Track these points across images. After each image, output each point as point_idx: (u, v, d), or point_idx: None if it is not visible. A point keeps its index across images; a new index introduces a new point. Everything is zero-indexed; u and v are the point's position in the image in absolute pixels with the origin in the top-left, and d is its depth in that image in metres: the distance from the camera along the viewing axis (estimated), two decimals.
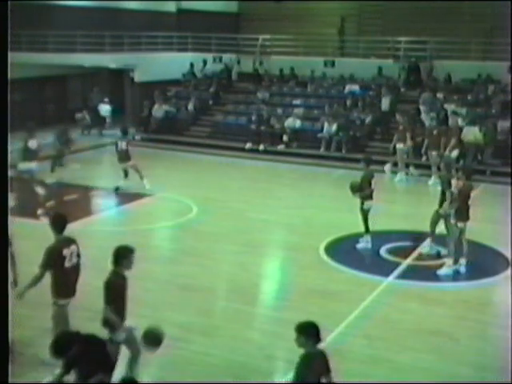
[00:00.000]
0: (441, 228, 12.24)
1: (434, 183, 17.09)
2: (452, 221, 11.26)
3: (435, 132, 18.81)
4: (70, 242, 7.74)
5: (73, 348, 5.91)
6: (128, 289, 7.13)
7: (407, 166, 19.25)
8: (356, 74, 25.32)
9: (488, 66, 23.57)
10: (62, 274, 7.57)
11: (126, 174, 16.74)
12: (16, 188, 14.09)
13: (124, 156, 16.70)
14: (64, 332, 6.01)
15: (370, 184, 12.34)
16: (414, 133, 19.41)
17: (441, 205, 11.77)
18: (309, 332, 5.67)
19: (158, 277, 11.21)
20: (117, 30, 25.32)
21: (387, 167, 19.07)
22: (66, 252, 7.54)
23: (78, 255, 7.81)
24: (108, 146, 23.46)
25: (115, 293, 6.86)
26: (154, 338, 6.64)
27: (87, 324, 7.60)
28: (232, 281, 11.25)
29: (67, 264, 7.56)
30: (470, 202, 11.15)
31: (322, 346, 5.81)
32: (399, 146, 18.87)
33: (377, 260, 12.18)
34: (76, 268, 7.78)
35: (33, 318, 8.87)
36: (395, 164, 19.10)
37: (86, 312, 9.18)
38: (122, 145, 16.76)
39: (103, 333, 6.79)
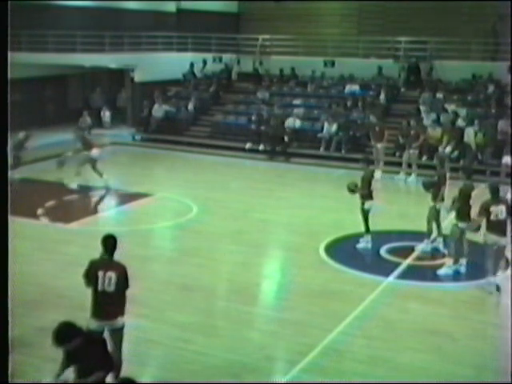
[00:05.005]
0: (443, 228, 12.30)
1: (410, 180, 18.18)
2: (453, 221, 11.28)
3: (413, 132, 19.15)
4: None
5: (73, 340, 5.93)
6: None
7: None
8: (356, 74, 25.30)
9: (488, 66, 23.57)
10: None
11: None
12: None
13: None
14: (67, 322, 6.02)
15: (370, 184, 12.36)
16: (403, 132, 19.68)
17: (434, 198, 11.97)
18: None
19: (158, 277, 11.22)
20: (117, 30, 25.30)
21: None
22: None
23: None
24: (108, 146, 23.51)
25: None
26: None
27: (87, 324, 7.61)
28: (232, 281, 11.25)
29: None
30: (471, 203, 11.14)
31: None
32: (377, 145, 19.21)
33: (377, 260, 12.17)
34: None
35: (33, 318, 8.88)
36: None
37: (86, 312, 9.21)
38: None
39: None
